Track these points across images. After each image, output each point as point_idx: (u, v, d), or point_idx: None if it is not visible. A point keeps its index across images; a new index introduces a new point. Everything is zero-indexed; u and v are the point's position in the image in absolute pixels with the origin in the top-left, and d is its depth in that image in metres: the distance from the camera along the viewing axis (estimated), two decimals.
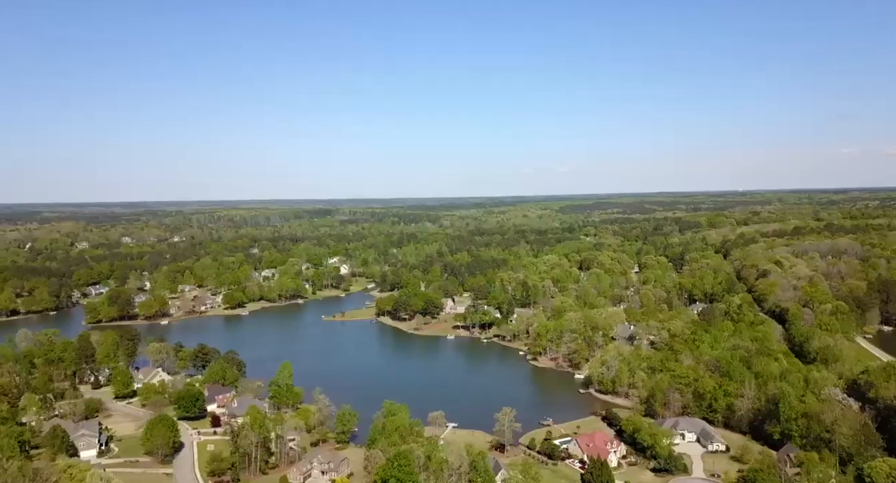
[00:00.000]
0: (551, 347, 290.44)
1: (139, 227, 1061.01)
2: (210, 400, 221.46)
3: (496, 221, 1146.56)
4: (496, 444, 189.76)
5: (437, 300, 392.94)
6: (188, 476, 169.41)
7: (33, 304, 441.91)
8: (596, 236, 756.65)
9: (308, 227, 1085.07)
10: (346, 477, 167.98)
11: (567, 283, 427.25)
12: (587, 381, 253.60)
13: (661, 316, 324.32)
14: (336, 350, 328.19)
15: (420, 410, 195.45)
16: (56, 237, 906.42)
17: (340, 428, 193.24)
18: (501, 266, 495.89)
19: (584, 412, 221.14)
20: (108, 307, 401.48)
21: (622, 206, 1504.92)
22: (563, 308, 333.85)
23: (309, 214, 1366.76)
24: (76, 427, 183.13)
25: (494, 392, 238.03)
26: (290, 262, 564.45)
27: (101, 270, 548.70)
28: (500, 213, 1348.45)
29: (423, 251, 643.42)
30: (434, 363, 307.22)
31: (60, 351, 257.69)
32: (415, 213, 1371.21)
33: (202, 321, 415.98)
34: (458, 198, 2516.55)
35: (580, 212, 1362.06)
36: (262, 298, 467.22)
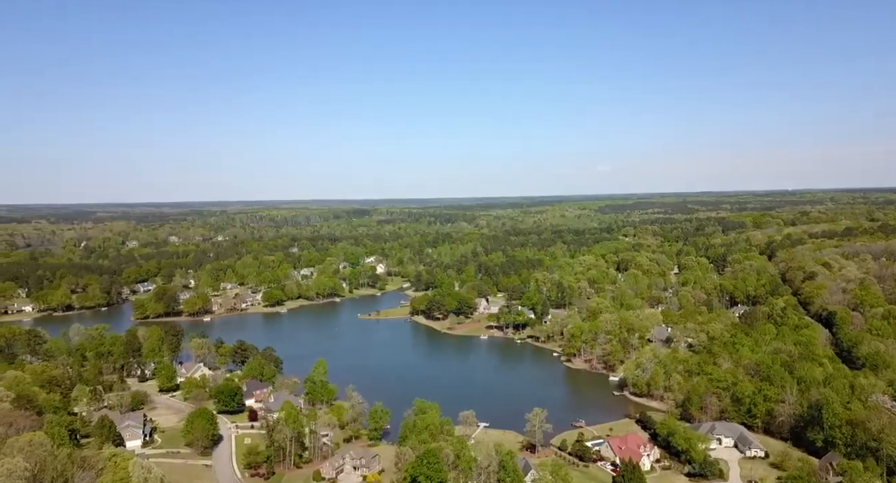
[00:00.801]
0: (585, 349, 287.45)
1: (185, 227, 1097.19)
2: (248, 395, 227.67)
3: (533, 221, 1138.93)
4: (527, 445, 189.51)
5: (470, 300, 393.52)
6: (226, 468, 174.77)
7: (86, 300, 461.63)
8: (635, 237, 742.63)
9: (346, 227, 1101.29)
10: (377, 473, 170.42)
11: (603, 284, 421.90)
12: (622, 384, 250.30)
13: (700, 318, 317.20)
14: (370, 348, 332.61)
15: (451, 409, 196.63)
16: (108, 236, 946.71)
17: (373, 425, 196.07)
18: (537, 266, 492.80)
19: (617, 415, 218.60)
20: (154, 304, 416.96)
21: (663, 206, 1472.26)
22: (599, 309, 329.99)
23: (347, 214, 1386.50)
24: (122, 418, 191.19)
25: (526, 393, 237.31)
26: (328, 262, 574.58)
27: (148, 268, 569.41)
28: (538, 212, 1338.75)
29: (457, 251, 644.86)
30: (466, 363, 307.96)
31: (110, 345, 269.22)
32: (451, 213, 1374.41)
33: (243, 318, 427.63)
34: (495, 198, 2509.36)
35: (619, 212, 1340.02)
36: (300, 297, 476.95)
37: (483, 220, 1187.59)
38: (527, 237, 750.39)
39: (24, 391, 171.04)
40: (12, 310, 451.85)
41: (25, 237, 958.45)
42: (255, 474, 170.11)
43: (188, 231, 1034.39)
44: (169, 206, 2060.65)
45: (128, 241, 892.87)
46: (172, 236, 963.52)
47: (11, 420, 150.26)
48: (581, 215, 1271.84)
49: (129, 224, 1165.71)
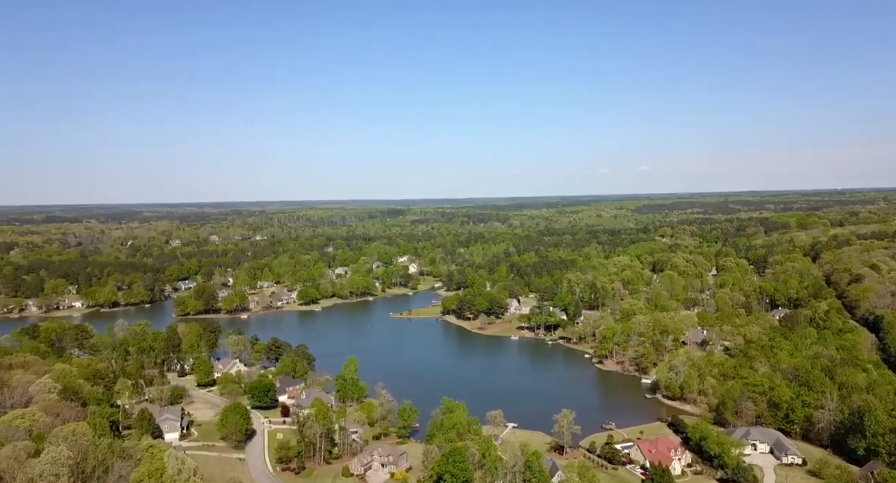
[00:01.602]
0: (618, 350, 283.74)
1: (225, 226, 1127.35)
2: (281, 391, 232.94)
3: (568, 221, 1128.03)
4: (555, 446, 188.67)
5: (501, 300, 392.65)
6: (258, 462, 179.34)
7: (131, 296, 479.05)
8: (672, 237, 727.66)
9: (380, 227, 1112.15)
10: (404, 471, 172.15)
11: (638, 286, 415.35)
12: (654, 386, 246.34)
13: (738, 321, 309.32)
14: (401, 347, 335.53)
15: (479, 409, 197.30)
16: (153, 235, 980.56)
17: (401, 423, 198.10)
18: (570, 267, 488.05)
19: (649, 417, 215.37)
20: (194, 301, 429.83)
21: (704, 205, 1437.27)
22: (632, 311, 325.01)
23: (382, 214, 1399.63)
24: (161, 411, 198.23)
25: (556, 394, 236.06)
26: (362, 261, 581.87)
27: (189, 266, 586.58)
28: (573, 212, 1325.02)
29: (489, 251, 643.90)
30: (496, 363, 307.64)
31: (151, 340, 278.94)
32: (484, 212, 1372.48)
33: (278, 316, 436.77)
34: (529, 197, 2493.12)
35: (658, 212, 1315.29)
36: (334, 295, 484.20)
37: (516, 220, 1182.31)
38: (561, 237, 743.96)
39: (71, 383, 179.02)
40: (63, 305, 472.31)
41: (77, 236, 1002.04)
42: (286, 468, 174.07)
43: (228, 230, 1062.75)
44: (210, 206, 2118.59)
45: (171, 240, 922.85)
46: (213, 235, 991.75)
47: (58, 411, 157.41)
48: (617, 215, 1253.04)
49: (172, 224, 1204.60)
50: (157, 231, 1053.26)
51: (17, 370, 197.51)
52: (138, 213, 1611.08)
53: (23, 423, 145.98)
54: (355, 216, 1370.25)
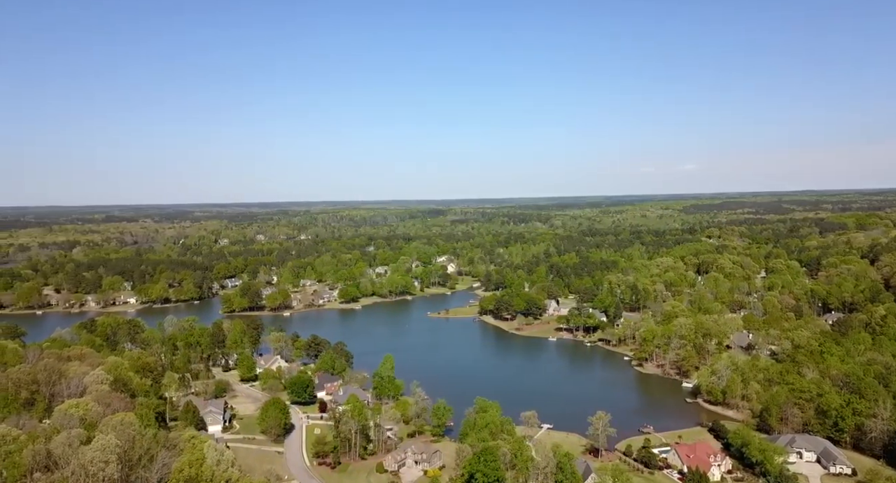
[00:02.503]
0: (658, 353, 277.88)
1: (271, 226, 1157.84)
2: (320, 387, 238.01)
3: (611, 222, 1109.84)
4: (590, 448, 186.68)
5: (539, 301, 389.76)
6: (296, 455, 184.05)
7: (182, 293, 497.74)
8: (720, 238, 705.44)
9: (420, 227, 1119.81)
10: (437, 469, 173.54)
11: (681, 287, 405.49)
12: (695, 390, 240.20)
13: (787, 325, 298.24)
14: (437, 346, 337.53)
15: (514, 409, 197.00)
16: (203, 234, 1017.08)
17: (436, 421, 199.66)
18: (611, 268, 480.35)
19: (688, 422, 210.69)
20: (239, 298, 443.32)
21: (755, 205, 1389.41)
22: (674, 313, 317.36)
23: (422, 214, 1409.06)
24: (205, 404, 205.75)
25: (594, 396, 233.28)
26: (401, 260, 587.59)
27: (236, 265, 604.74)
28: (617, 212, 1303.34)
29: (529, 251, 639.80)
30: (533, 364, 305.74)
31: (198, 336, 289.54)
32: (525, 212, 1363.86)
33: (320, 314, 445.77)
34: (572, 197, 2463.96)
35: (705, 212, 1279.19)
36: (373, 294, 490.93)
37: (558, 220, 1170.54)
38: (603, 238, 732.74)
39: (121, 375, 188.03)
40: (119, 301, 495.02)
41: (133, 235, 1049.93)
42: (322, 463, 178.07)
43: (274, 230, 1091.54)
44: (258, 206, 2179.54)
45: (219, 240, 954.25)
46: (260, 235, 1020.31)
47: (109, 401, 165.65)
48: (663, 216, 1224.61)
49: (221, 223, 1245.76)
50: (207, 230, 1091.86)
51: (74, 362, 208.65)
52: (190, 213, 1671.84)
53: (77, 411, 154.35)
54: (396, 216, 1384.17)
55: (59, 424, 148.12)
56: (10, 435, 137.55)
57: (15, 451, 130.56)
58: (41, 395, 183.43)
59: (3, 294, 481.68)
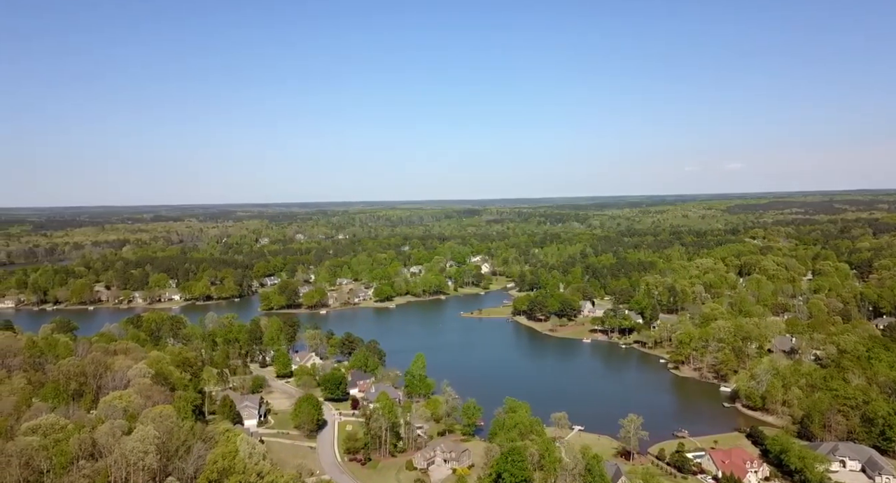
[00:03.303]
0: (695, 356, 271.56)
1: (310, 225, 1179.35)
2: (352, 384, 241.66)
3: (651, 222, 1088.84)
4: (622, 451, 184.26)
5: (574, 302, 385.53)
6: (328, 451, 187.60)
7: (223, 291, 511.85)
8: (765, 239, 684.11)
9: (455, 227, 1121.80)
10: (466, 468, 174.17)
11: (721, 289, 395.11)
12: (733, 395, 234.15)
13: (833, 329, 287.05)
14: (470, 346, 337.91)
15: (545, 410, 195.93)
16: (244, 234, 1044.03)
17: (466, 420, 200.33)
18: (649, 269, 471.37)
19: (725, 427, 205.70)
20: (278, 296, 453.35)
21: (804, 205, 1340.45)
22: (713, 315, 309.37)
23: (458, 214, 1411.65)
24: (241, 399, 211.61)
25: (627, 398, 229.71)
26: (435, 260, 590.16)
27: (275, 263, 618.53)
28: (658, 212, 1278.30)
29: (565, 252, 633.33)
30: (565, 365, 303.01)
31: (237, 333, 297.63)
32: (562, 212, 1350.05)
33: (355, 312, 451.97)
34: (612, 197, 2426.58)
35: (750, 212, 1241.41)
36: (408, 293, 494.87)
37: (596, 220, 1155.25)
38: (642, 238, 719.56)
39: (162, 370, 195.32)
40: (164, 298, 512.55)
41: (179, 234, 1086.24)
42: (353, 459, 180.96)
43: (313, 229, 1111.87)
44: (298, 206, 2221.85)
45: (260, 239, 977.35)
46: (299, 234, 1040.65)
47: (150, 394, 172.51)
48: (705, 216, 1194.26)
49: (262, 223, 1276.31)
50: (249, 230, 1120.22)
51: (119, 356, 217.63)
52: (233, 213, 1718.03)
53: (120, 403, 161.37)
54: (432, 216, 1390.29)
55: (103, 415, 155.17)
56: (58, 424, 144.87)
57: (62, 439, 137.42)
58: (89, 387, 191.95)
59: (58, 290, 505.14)
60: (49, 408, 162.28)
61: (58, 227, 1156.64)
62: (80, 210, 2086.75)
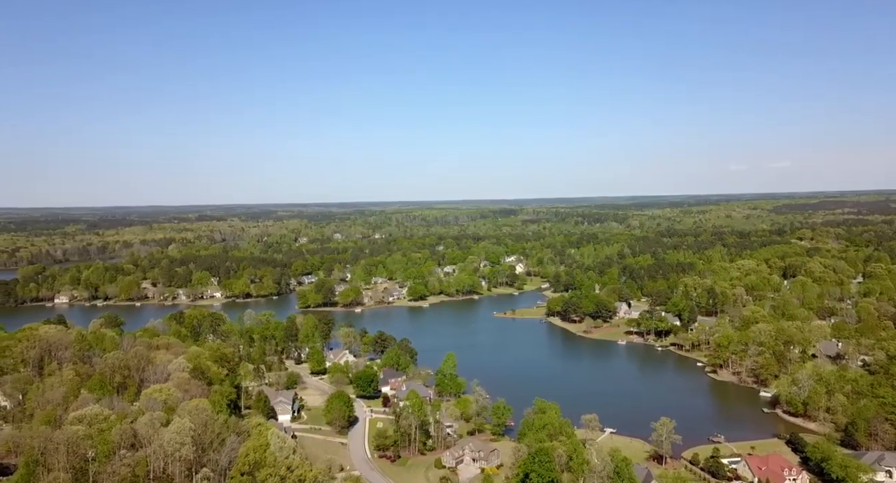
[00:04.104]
0: (734, 360, 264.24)
1: (348, 225, 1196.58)
2: (384, 382, 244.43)
3: (693, 222, 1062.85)
4: (654, 455, 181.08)
5: (609, 303, 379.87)
6: (359, 447, 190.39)
7: (262, 289, 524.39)
8: (812, 240, 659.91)
9: (491, 227, 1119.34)
10: (495, 468, 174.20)
11: (764, 292, 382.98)
12: (774, 400, 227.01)
13: (883, 334, 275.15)
14: (502, 346, 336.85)
15: (576, 412, 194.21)
16: (284, 233, 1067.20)
17: (495, 420, 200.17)
18: (688, 270, 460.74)
19: (764, 433, 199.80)
20: (314, 294, 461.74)
21: (857, 205, 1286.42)
22: (754, 318, 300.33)
23: (493, 214, 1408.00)
24: (275, 395, 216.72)
25: (661, 402, 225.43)
26: (469, 260, 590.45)
27: (313, 262, 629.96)
28: (700, 212, 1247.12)
29: (602, 252, 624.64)
30: (599, 367, 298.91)
31: (273, 330, 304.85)
32: (601, 212, 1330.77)
33: (389, 311, 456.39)
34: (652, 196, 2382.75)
35: (798, 212, 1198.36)
36: (441, 292, 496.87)
37: (636, 220, 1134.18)
38: (682, 239, 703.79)
39: (200, 364, 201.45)
40: (206, 295, 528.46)
41: (221, 233, 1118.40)
42: (382, 456, 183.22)
43: (350, 229, 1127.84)
44: (336, 206, 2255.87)
45: (299, 238, 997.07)
46: (337, 234, 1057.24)
47: (188, 387, 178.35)
48: (750, 216, 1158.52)
49: (301, 222, 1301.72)
50: (288, 229, 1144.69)
51: (161, 350, 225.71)
52: (273, 213, 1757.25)
53: (160, 396, 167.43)
54: (468, 216, 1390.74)
55: (144, 407, 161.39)
56: (102, 414, 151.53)
57: (106, 429, 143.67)
58: (132, 380, 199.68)
59: (108, 287, 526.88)
60: (95, 399, 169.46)
61: (109, 227, 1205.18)
62: (130, 210, 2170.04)
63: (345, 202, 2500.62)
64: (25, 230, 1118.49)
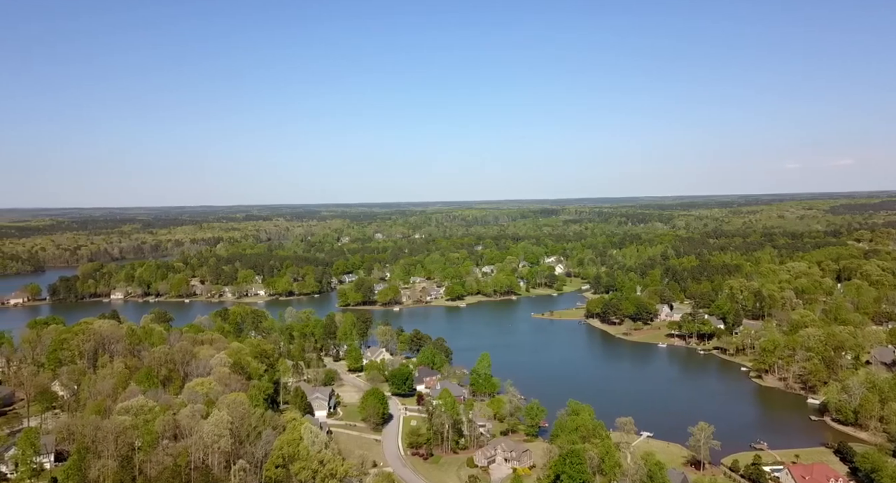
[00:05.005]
0: (781, 365, 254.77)
1: (389, 225, 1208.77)
2: (419, 380, 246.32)
3: (742, 222, 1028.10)
4: (692, 461, 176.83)
5: (650, 305, 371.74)
6: (392, 444, 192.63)
7: (304, 287, 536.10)
8: (872, 242, 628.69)
9: (531, 227, 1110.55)
10: (527, 468, 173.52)
11: (815, 295, 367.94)
12: (822, 408, 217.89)
13: None
14: (539, 347, 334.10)
15: (612, 414, 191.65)
16: (327, 232, 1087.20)
17: (529, 421, 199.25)
18: (734, 272, 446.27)
19: (810, 441, 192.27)
20: (354, 293, 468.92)
21: None
22: (803, 323, 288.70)
23: (534, 214, 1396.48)
24: (313, 391, 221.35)
25: (702, 407, 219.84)
26: (508, 260, 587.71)
27: (354, 261, 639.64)
28: (750, 213, 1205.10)
29: (644, 253, 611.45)
30: (638, 370, 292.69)
31: (312, 327, 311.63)
32: (646, 212, 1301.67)
33: (427, 310, 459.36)
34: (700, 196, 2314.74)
35: (858, 212, 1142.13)
36: (479, 292, 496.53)
37: (682, 220, 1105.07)
38: (729, 240, 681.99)
39: (240, 360, 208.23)
40: (251, 293, 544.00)
41: (267, 232, 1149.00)
42: (415, 453, 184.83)
43: (391, 229, 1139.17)
44: (379, 206, 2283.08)
45: (341, 237, 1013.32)
46: (378, 234, 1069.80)
47: (228, 382, 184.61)
48: (804, 216, 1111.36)
49: (344, 222, 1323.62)
50: (331, 228, 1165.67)
51: (205, 345, 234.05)
52: (317, 213, 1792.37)
53: (201, 389, 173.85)
54: (508, 216, 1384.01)
55: (186, 399, 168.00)
56: (146, 405, 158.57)
57: (150, 419, 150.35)
58: (177, 373, 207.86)
59: (160, 284, 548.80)
60: (142, 391, 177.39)
61: (162, 226, 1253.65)
62: (182, 209, 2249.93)
63: (387, 202, 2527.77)
64: (87, 229, 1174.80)
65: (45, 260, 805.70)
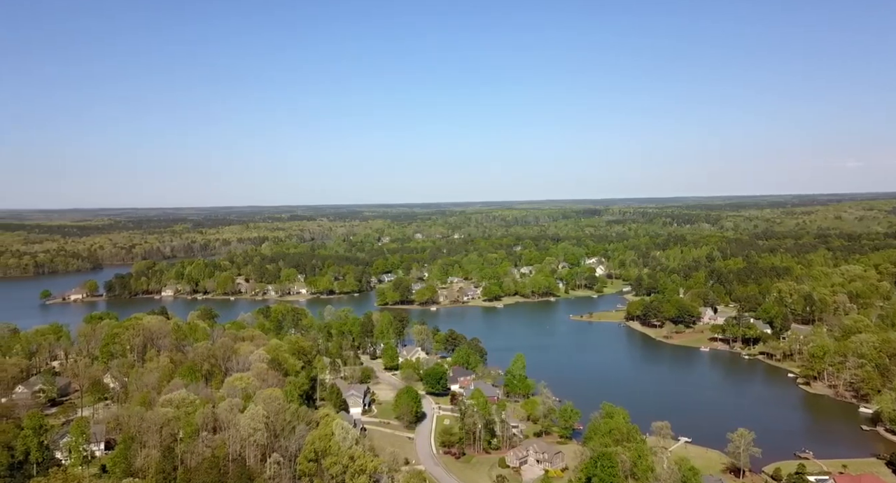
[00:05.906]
0: (831, 372, 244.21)
1: (429, 225, 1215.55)
2: (453, 380, 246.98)
3: (795, 223, 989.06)
4: (731, 468, 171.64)
5: (693, 308, 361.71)
6: (425, 443, 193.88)
7: (344, 286, 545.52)
8: None
9: (573, 227, 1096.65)
10: (559, 470, 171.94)
11: (871, 300, 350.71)
12: (875, 417, 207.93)
13: None
14: (576, 349, 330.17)
15: (649, 418, 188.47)
16: (368, 232, 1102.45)
17: (562, 423, 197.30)
18: (783, 275, 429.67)
19: (861, 452, 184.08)
20: (392, 292, 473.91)
21: None
22: (856, 328, 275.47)
23: (576, 214, 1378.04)
24: (348, 388, 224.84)
25: (746, 413, 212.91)
26: (547, 261, 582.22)
27: (393, 261, 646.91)
28: (805, 213, 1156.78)
29: (689, 255, 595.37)
30: (678, 375, 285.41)
31: (350, 325, 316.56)
32: (692, 213, 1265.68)
33: (463, 310, 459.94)
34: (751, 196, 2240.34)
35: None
36: (516, 293, 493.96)
37: (730, 221, 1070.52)
38: (780, 241, 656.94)
39: (278, 356, 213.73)
40: (293, 291, 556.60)
41: (311, 232, 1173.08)
42: (448, 452, 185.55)
43: (431, 229, 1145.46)
44: (419, 206, 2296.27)
45: (382, 237, 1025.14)
46: (418, 234, 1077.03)
47: (265, 377, 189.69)
48: (864, 217, 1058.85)
49: (385, 222, 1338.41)
50: (372, 228, 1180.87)
51: (245, 342, 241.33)
52: (360, 213, 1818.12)
53: (240, 384, 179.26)
54: (549, 216, 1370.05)
55: (225, 394, 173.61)
56: (188, 398, 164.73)
57: (191, 412, 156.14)
58: (219, 368, 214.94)
59: (207, 282, 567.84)
60: (184, 384, 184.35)
61: (211, 225, 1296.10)
62: (230, 210, 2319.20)
63: (427, 202, 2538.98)
64: (141, 228, 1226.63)
65: (103, 258, 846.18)
